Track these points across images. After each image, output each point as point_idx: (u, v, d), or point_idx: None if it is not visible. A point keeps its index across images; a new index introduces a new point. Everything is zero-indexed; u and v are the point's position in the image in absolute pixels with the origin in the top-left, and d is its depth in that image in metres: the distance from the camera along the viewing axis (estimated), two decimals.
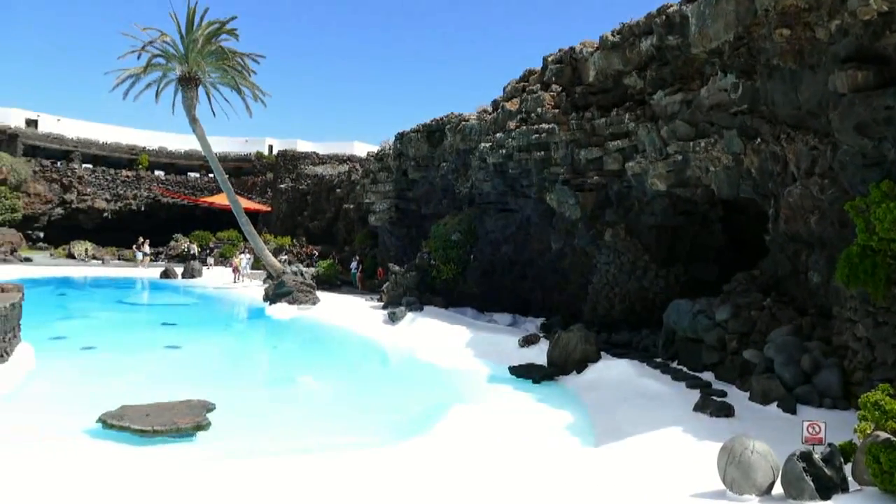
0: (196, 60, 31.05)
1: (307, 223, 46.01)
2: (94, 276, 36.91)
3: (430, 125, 25.85)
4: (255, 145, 62.09)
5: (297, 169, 51.24)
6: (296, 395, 13.77)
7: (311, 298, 25.78)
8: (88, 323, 21.47)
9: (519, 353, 16.24)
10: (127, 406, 10.61)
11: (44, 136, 55.41)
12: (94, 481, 7.83)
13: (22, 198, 46.81)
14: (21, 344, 14.63)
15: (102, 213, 52.76)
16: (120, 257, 44.53)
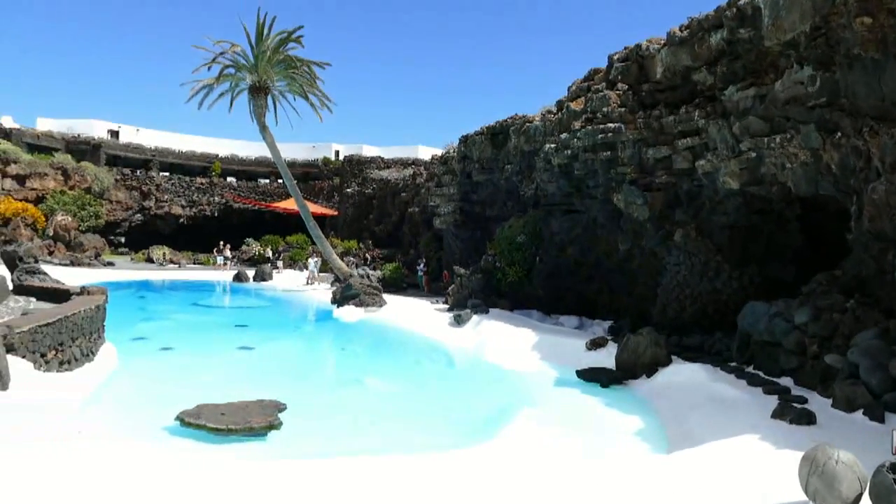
0: (265, 70, 31.95)
1: (373, 227, 46.64)
2: (171, 279, 38.37)
3: (494, 127, 25.79)
4: (321, 151, 63.41)
5: (363, 173, 52.04)
6: (363, 396, 13.92)
7: (378, 301, 26.09)
8: (166, 324, 22.33)
9: (586, 356, 15.99)
10: (203, 405, 10.93)
11: (124, 146, 58.15)
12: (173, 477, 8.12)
13: (105, 205, 49.19)
14: (105, 344, 15.31)
15: (178, 219, 54.93)
16: (195, 261, 46.20)
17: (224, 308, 29.72)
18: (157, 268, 42.15)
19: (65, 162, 48.77)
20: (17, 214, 41.20)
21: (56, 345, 12.03)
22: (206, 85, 32.71)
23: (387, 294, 27.63)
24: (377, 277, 31.00)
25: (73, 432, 9.69)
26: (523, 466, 9.07)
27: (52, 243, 40.65)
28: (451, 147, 31.85)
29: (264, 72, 31.97)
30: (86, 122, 58.57)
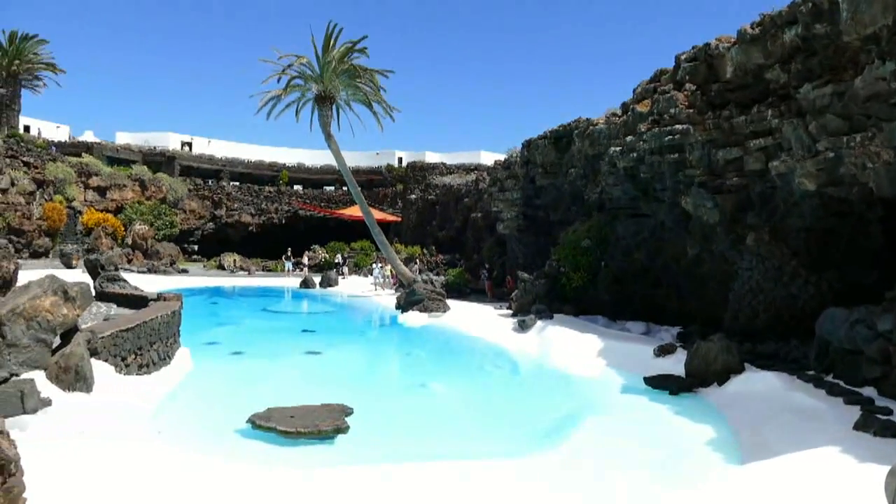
0: (331, 80, 32.60)
1: (436, 232, 46.91)
2: (241, 285, 39.54)
3: (558, 131, 25.58)
4: (385, 158, 64.28)
5: (426, 179, 52.46)
6: (428, 401, 13.98)
7: (442, 306, 26.20)
8: (237, 329, 23.01)
9: (654, 362, 15.62)
10: (273, 408, 11.20)
11: (197, 157, 60.40)
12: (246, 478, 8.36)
13: (179, 214, 51.14)
14: (180, 348, 15.89)
15: (248, 227, 56.58)
16: (264, 268, 47.47)
17: (292, 314, 30.41)
18: (228, 274, 43.49)
19: (142, 173, 51.00)
20: (99, 224, 43.26)
21: (135, 349, 12.56)
22: (274, 96, 33.60)
23: (450, 299, 27.71)
24: (441, 283, 31.15)
25: (154, 432, 10.09)
26: (591, 475, 8.95)
27: (131, 252, 42.49)
28: (513, 152, 31.76)
29: (330, 82, 32.63)
30: (161, 135, 61.20)
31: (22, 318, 9.24)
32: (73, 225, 42.72)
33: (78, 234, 42.57)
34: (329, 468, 8.95)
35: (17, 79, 46.90)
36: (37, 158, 42.87)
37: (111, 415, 9.92)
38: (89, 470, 7.61)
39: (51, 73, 49.61)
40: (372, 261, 43.35)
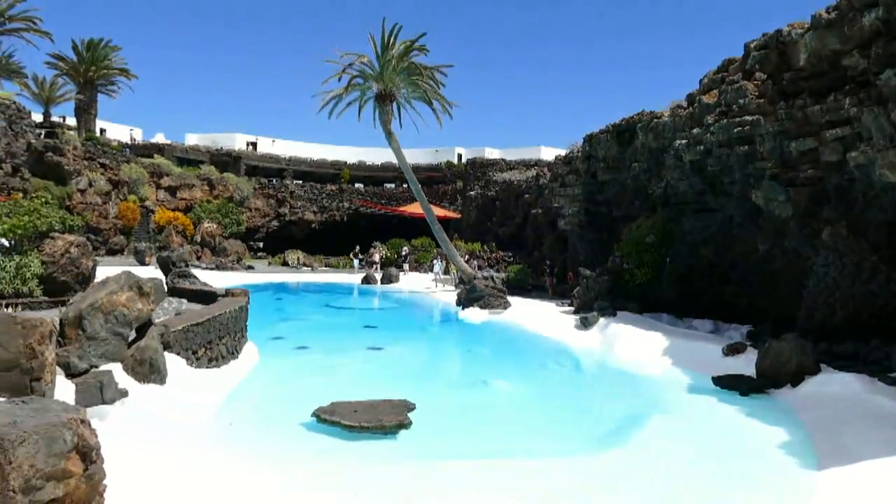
0: (390, 78, 32.89)
1: (496, 229, 46.74)
2: (304, 281, 40.30)
3: (620, 125, 25.08)
4: (444, 155, 64.40)
5: (486, 176, 52.30)
6: (489, 398, 13.92)
7: (503, 303, 26.09)
8: (301, 325, 23.45)
9: (722, 362, 15.15)
10: (337, 402, 11.34)
11: (261, 156, 61.88)
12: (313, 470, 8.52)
13: (245, 212, 52.51)
14: (247, 343, 16.30)
15: (311, 224, 57.67)
16: (327, 264, 48.29)
17: (354, 309, 30.81)
18: (292, 271, 44.40)
19: (210, 173, 52.58)
20: (170, 223, 44.82)
21: (205, 343, 12.94)
22: (336, 95, 34.13)
23: (511, 296, 27.57)
24: (501, 279, 31.03)
25: (225, 423, 10.39)
26: (657, 476, 8.73)
27: (200, 249, 43.86)
28: (574, 147, 31.33)
29: (390, 80, 32.93)
30: (228, 136, 62.98)
31: (100, 313, 9.63)
32: (146, 223, 44.37)
33: (150, 232, 44.21)
34: (392, 463, 9.02)
35: (93, 84, 48.93)
36: (112, 160, 44.70)
37: (184, 406, 10.26)
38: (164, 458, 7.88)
39: (124, 78, 51.58)
40: (432, 257, 43.55)
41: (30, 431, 4.28)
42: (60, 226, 19.43)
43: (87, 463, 4.69)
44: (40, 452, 4.31)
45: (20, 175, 35.04)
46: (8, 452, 4.14)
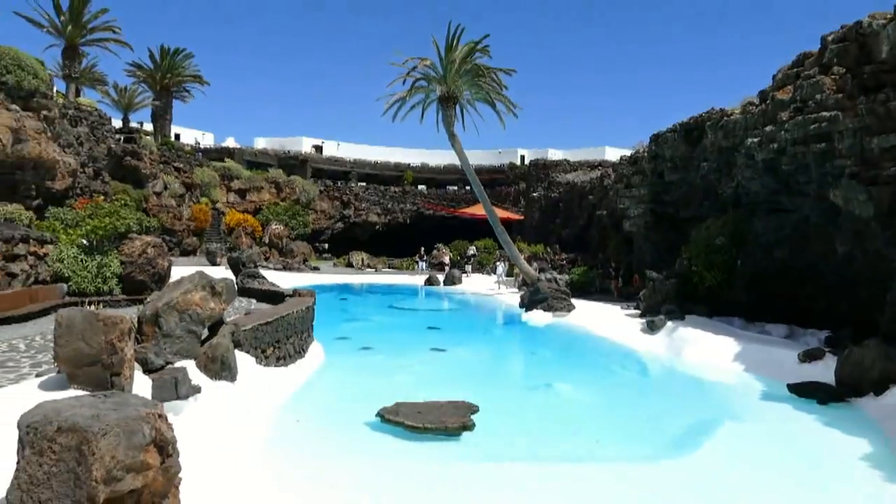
0: (454, 80, 32.99)
1: (560, 230, 46.28)
2: (368, 282, 40.84)
3: (688, 123, 24.43)
4: (507, 156, 64.27)
5: (549, 177, 51.87)
6: (553, 401, 13.76)
7: (566, 305, 25.79)
8: (365, 325, 23.76)
9: (798, 368, 14.55)
10: (401, 403, 11.42)
11: (327, 159, 63.09)
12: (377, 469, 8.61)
13: (311, 214, 53.67)
14: (313, 343, 16.61)
15: (374, 226, 58.47)
16: (390, 266, 48.82)
17: (417, 311, 31.02)
18: (356, 272, 45.09)
19: (277, 176, 53.95)
20: (239, 224, 46.19)
21: (274, 342, 13.25)
22: (400, 98, 34.48)
23: (575, 298, 27.23)
24: (565, 281, 30.68)
25: (292, 420, 10.62)
26: (730, 486, 8.44)
27: (268, 250, 45.03)
28: (640, 146, 30.71)
29: (453, 82, 33.03)
30: (295, 140, 64.51)
31: (175, 311, 9.97)
32: (217, 225, 45.88)
33: (221, 233, 45.67)
34: (455, 465, 9.02)
35: (168, 91, 50.95)
36: (186, 164, 46.37)
37: (253, 402, 10.52)
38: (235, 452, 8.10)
39: (197, 84, 53.51)
40: (495, 259, 43.45)
41: (111, 424, 4.46)
42: (138, 227, 20.28)
43: (163, 456, 4.85)
44: (121, 445, 4.47)
45: (101, 178, 36.71)
46: (91, 444, 4.32)
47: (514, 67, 35.07)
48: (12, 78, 27.32)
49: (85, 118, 37.22)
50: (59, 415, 4.50)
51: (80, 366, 7.61)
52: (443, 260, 44.94)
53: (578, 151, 60.68)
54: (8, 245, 15.70)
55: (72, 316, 7.65)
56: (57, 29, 40.43)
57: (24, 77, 27.82)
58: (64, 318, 7.61)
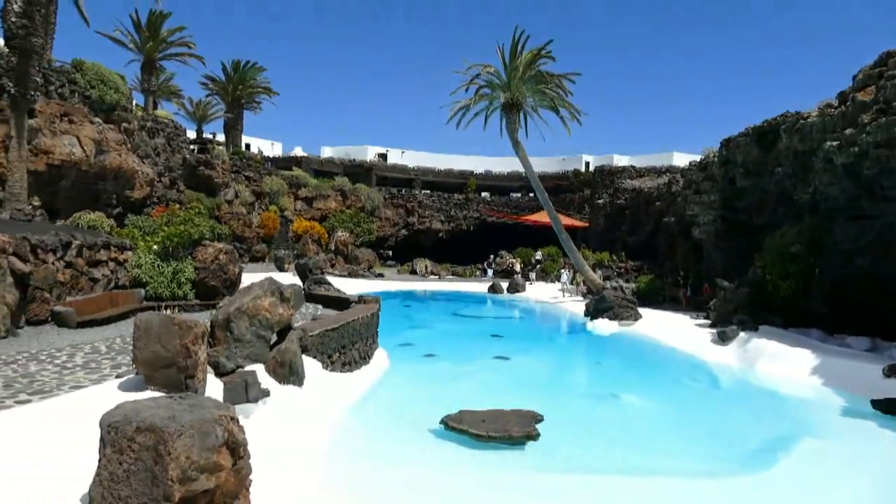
0: (517, 87, 32.88)
1: (626, 238, 45.44)
2: (432, 289, 41.01)
3: (762, 127, 23.62)
4: (571, 163, 63.61)
5: (614, 184, 51.02)
6: (620, 412, 13.49)
7: (633, 314, 25.26)
8: (429, 332, 23.84)
9: (883, 383, 13.78)
10: (465, 411, 11.39)
11: (391, 167, 63.81)
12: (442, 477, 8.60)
13: (375, 222, 54.33)
14: (378, 349, 16.77)
15: (438, 233, 58.73)
16: (453, 273, 48.90)
17: (480, 318, 30.95)
18: (419, 279, 45.34)
19: (343, 184, 54.89)
20: (306, 231, 47.16)
21: (340, 348, 13.43)
22: (464, 106, 34.59)
23: (641, 307, 26.65)
24: (631, 290, 30.07)
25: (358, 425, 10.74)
26: None
27: (334, 256, 45.80)
28: (710, 151, 29.88)
29: (517, 89, 32.93)
30: (360, 148, 65.56)
31: (246, 316, 10.24)
32: (285, 232, 46.95)
33: (289, 240, 46.72)
34: (519, 474, 8.93)
35: (240, 102, 52.62)
36: (255, 173, 47.72)
37: (320, 407, 10.69)
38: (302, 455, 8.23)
39: (267, 95, 55.04)
40: (559, 267, 43.00)
41: (187, 426, 4.59)
42: (210, 234, 20.94)
43: (235, 457, 4.97)
44: (195, 446, 4.60)
45: (176, 187, 38.16)
46: (168, 444, 4.46)
47: (579, 72, 34.76)
48: (96, 92, 28.74)
49: (162, 130, 38.81)
50: (137, 415, 4.66)
51: (157, 368, 7.90)
52: (513, 267, 44.68)
53: (645, 157, 59.48)
54: (91, 251, 16.45)
55: (149, 320, 7.94)
56: (137, 45, 42.37)
57: (107, 91, 29.24)
58: (142, 322, 7.92)
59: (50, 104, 25.94)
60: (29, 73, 20.20)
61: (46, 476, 5.45)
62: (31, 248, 13.80)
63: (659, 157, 58.27)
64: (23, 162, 20.36)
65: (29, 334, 12.69)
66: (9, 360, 10.20)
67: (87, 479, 4.88)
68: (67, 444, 6.15)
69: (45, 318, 13.85)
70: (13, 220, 17.98)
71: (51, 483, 5.30)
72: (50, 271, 14.29)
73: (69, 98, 27.69)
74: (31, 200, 21.56)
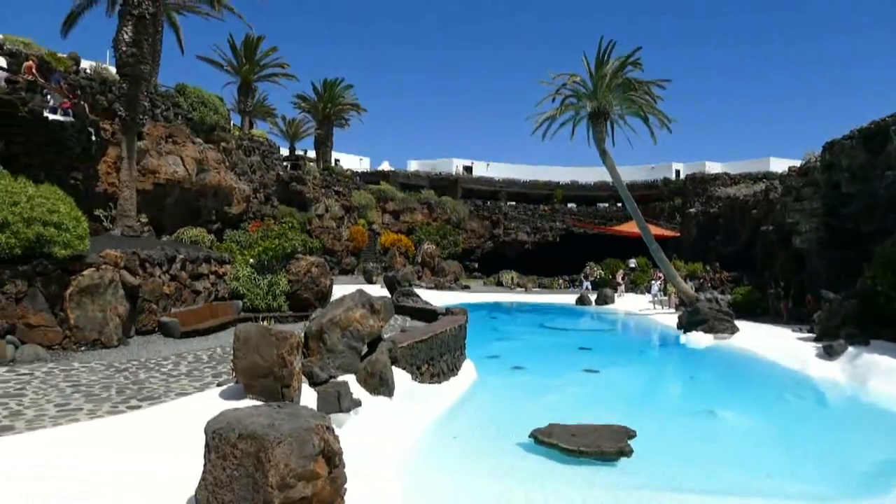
0: (604, 95, 32.38)
1: (719, 247, 43.74)
2: (518, 301, 40.76)
3: (868, 129, 22.29)
4: (661, 171, 62.00)
5: (707, 192, 49.29)
6: (717, 429, 12.94)
7: (729, 327, 24.25)
8: (516, 344, 23.68)
9: None
10: (554, 424, 11.22)
11: (476, 179, 64.14)
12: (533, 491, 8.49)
13: (461, 234, 54.69)
14: (466, 361, 16.79)
15: (524, 245, 58.47)
16: (540, 285, 48.49)
17: (568, 330, 30.47)
18: (506, 291, 45.21)
19: (429, 197, 55.59)
20: (394, 244, 47.98)
21: (428, 359, 13.54)
22: (549, 116, 34.35)
23: (738, 320, 25.54)
24: (727, 302, 28.87)
25: (448, 437, 10.78)
26: None
27: (421, 269, 46.34)
28: (811, 156, 28.44)
29: (603, 97, 32.43)
30: (445, 161, 66.25)
31: (338, 328, 10.49)
32: (373, 245, 47.94)
33: (377, 253, 47.66)
34: (613, 491, 8.70)
35: (330, 119, 54.32)
36: (345, 187, 49.04)
37: (410, 418, 10.80)
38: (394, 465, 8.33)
39: (355, 112, 56.58)
40: (649, 278, 41.87)
41: (285, 434, 4.74)
42: (302, 248, 21.64)
43: (331, 466, 5.08)
44: (294, 454, 4.74)
45: (271, 203, 39.72)
46: (268, 451, 4.61)
47: (668, 78, 33.87)
48: (197, 114, 30.37)
49: (257, 148, 40.56)
50: (239, 422, 4.85)
51: (255, 377, 8.20)
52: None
53: (739, 164, 57.24)
54: (193, 265, 17.33)
55: (248, 331, 8.27)
56: (234, 68, 44.58)
57: (207, 113, 30.84)
58: (242, 333, 8.25)
59: (156, 126, 27.60)
60: (138, 98, 21.57)
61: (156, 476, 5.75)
62: (141, 262, 14.67)
63: (755, 164, 55.93)
64: (132, 181, 21.71)
65: (138, 343, 13.48)
66: (121, 367, 10.86)
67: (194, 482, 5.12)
68: (175, 448, 6.48)
69: (152, 328, 14.68)
70: (124, 237, 19.21)
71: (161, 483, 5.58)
72: (157, 284, 15.14)
73: (173, 120, 29.39)
74: (140, 217, 22.95)
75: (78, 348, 12.16)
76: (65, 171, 21.02)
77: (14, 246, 11.25)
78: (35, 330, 11.56)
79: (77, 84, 24.02)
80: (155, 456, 6.35)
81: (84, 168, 22.75)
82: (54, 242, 11.80)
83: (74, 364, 10.95)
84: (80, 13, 22.29)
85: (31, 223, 11.51)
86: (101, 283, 12.75)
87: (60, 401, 8.35)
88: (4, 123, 19.26)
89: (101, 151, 24.02)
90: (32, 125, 20.00)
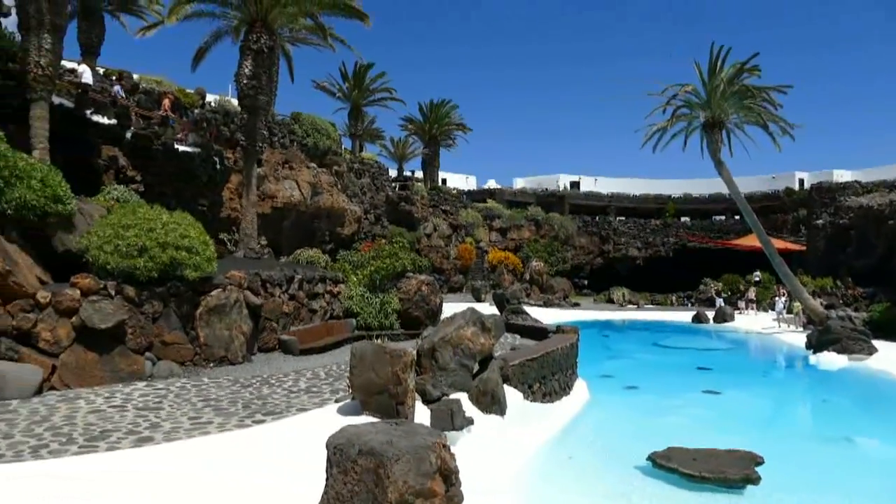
0: (719, 104, 31.13)
1: (851, 261, 40.74)
2: (630, 319, 39.61)
3: None
4: (782, 181, 58.83)
5: (835, 202, 46.09)
6: (855, 457, 11.97)
7: (866, 347, 22.46)
8: (629, 363, 22.96)
9: None
10: (673, 448, 10.75)
11: (584, 195, 63.26)
12: None
13: (570, 250, 53.99)
14: (577, 380, 16.45)
15: (635, 261, 56.95)
16: (653, 301, 46.94)
17: (685, 349, 29.22)
18: (616, 308, 44.08)
19: (536, 214, 55.32)
20: (501, 262, 47.98)
21: (539, 378, 13.37)
22: (660, 128, 33.41)
23: (877, 340, 23.60)
24: (861, 320, 26.77)
25: (562, 457, 10.58)
26: None
27: (529, 286, 46.02)
28: None
29: (718, 106, 31.19)
30: (551, 178, 65.79)
31: (449, 346, 10.57)
32: (481, 263, 48.15)
33: (484, 270, 47.82)
34: None
35: (436, 140, 55.30)
36: (452, 206, 49.65)
37: (522, 437, 10.68)
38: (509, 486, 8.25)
39: (461, 132, 57.30)
40: (772, 294, 39.56)
41: (403, 451, 4.79)
42: (412, 267, 22.05)
43: (448, 485, 5.08)
44: (411, 471, 4.78)
45: (381, 223, 40.82)
46: (387, 468, 4.68)
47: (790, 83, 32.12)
48: (311, 140, 31.78)
49: (367, 170, 41.88)
50: (359, 438, 4.96)
51: (371, 394, 8.39)
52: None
53: (873, 171, 53.21)
54: (310, 285, 18.03)
55: (364, 349, 8.49)
56: (344, 94, 46.39)
57: (320, 139, 32.21)
58: (358, 351, 8.49)
59: (274, 153, 29.12)
60: (257, 127, 22.84)
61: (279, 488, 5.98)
62: (262, 282, 15.43)
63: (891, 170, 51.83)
64: (253, 206, 22.94)
65: (260, 360, 14.15)
66: (246, 383, 11.43)
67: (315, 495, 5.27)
68: (297, 461, 6.72)
69: (273, 345, 15.37)
70: (246, 258, 20.28)
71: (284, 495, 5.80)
72: (277, 304, 15.86)
73: (289, 146, 30.90)
74: (260, 240, 24.19)
75: (207, 365, 12.91)
76: (193, 198, 22.56)
77: (152, 269, 12.11)
78: (169, 347, 12.38)
79: (203, 117, 25.78)
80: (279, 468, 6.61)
81: (210, 194, 24.32)
82: (186, 265, 12.61)
83: (204, 379, 11.63)
84: (208, 49, 23.92)
85: (165, 248, 12.36)
86: (227, 302, 13.50)
87: (193, 414, 8.87)
88: (141, 156, 20.96)
89: (224, 179, 25.59)
90: (164, 157, 21.63)
